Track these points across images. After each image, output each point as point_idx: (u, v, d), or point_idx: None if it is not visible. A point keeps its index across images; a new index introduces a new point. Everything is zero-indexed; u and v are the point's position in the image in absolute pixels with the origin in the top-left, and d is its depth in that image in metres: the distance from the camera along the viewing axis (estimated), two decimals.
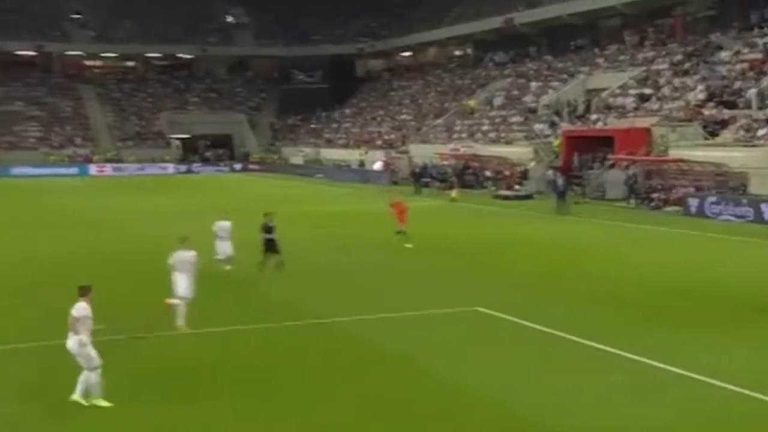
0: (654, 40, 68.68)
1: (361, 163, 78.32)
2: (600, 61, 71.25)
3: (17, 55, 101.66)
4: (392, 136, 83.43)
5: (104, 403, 13.48)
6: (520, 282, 27.09)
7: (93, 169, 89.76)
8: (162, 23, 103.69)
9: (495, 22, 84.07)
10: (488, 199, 56.32)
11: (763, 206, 39.27)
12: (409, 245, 33.06)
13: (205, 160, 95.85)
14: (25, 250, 35.97)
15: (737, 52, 58.33)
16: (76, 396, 13.54)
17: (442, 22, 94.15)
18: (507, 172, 60.34)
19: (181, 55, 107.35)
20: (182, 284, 19.71)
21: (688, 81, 58.71)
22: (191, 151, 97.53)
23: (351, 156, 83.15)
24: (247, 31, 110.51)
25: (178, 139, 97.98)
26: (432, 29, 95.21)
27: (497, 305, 22.51)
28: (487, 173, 62.51)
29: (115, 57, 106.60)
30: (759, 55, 55.89)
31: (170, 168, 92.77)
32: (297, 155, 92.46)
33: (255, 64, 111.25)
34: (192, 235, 35.61)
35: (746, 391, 14.81)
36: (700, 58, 60.71)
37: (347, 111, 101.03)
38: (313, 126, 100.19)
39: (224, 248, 27.90)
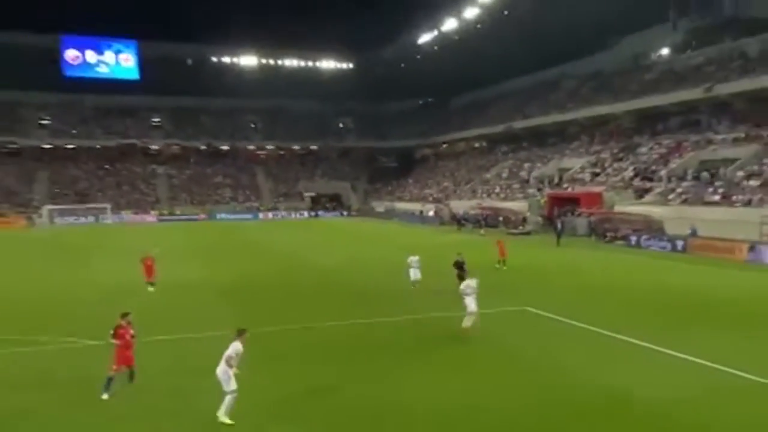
0: (599, 139, 66.33)
1: (421, 212, 76.33)
2: (567, 151, 69.10)
3: (220, 149, 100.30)
4: (438, 195, 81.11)
5: (228, 421, 11.57)
6: (548, 290, 25.56)
7: (260, 215, 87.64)
8: (301, 128, 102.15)
9: (500, 127, 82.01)
10: (503, 235, 51.36)
11: (676, 241, 39.29)
12: (497, 266, 30.58)
13: (325, 209, 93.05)
14: (228, 268, 34.57)
15: (651, 148, 57.47)
16: (219, 414, 11.73)
17: (467, 126, 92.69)
18: (513, 218, 58.54)
19: (312, 147, 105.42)
20: (471, 304, 18.00)
21: (622, 164, 57.86)
22: (317, 203, 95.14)
23: (413, 207, 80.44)
24: (351, 132, 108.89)
25: (309, 196, 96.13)
26: (461, 131, 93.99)
27: (540, 306, 21.61)
28: (500, 218, 60.29)
29: (273, 148, 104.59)
30: (665, 150, 55.30)
31: (305, 214, 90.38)
32: (380, 206, 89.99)
33: (355, 151, 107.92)
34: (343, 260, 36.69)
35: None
36: (628, 151, 59.67)
37: (410, 180, 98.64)
38: (389, 189, 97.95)
39: (415, 274, 25.37)
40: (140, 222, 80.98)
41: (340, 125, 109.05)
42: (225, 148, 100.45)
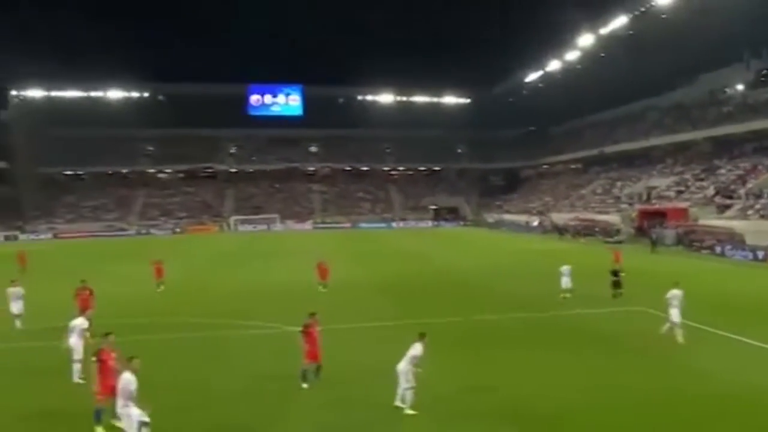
0: (681, 162, 65.93)
1: (526, 222, 78.06)
2: (653, 172, 68.54)
3: (361, 170, 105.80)
4: (540, 208, 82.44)
5: (411, 412, 11.30)
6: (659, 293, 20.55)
7: (393, 224, 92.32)
8: (426, 152, 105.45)
9: (594, 151, 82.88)
10: (601, 243, 52.39)
11: (756, 251, 38.76)
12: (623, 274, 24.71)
13: (445, 219, 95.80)
14: (380, 269, 35.34)
15: (729, 170, 57.20)
16: (398, 403, 11.56)
17: (564, 150, 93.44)
18: (607, 228, 58.46)
19: (434, 168, 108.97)
20: (675, 314, 16.48)
21: (704, 184, 57.73)
22: (438, 214, 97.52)
23: (519, 218, 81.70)
24: (466, 155, 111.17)
25: (432, 208, 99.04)
26: (559, 154, 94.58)
27: (657, 307, 18.89)
28: (596, 229, 60.27)
29: (403, 169, 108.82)
30: (742, 172, 54.93)
31: (429, 223, 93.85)
32: (491, 218, 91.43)
33: (469, 171, 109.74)
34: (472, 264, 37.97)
35: None
36: (708, 172, 59.48)
37: (515, 195, 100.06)
38: (497, 203, 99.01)
39: (566, 282, 23.72)
40: (300, 229, 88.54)
41: (458, 150, 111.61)
42: (365, 169, 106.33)
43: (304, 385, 13.12)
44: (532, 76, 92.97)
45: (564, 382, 13.34)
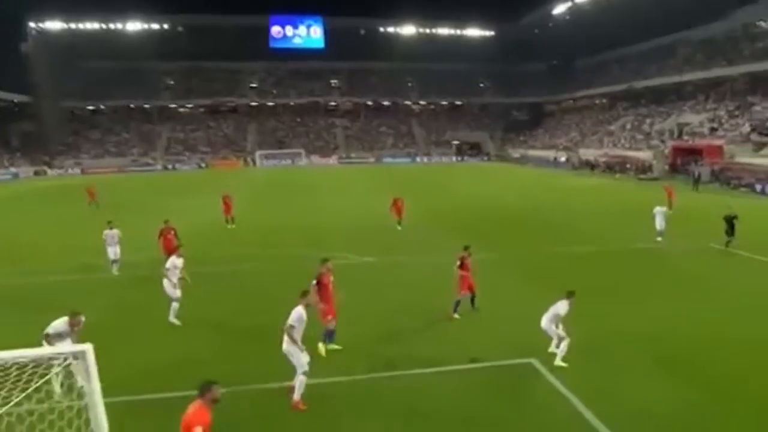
0: (714, 98, 67.22)
1: (555, 158, 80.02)
2: (684, 108, 69.78)
3: (383, 104, 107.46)
4: (568, 144, 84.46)
5: (562, 364, 11.09)
6: (715, 230, 22.56)
7: (417, 159, 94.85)
8: (448, 86, 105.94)
9: (623, 86, 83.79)
10: (635, 180, 55.03)
11: None
12: (669, 212, 24.86)
13: (468, 155, 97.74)
14: (428, 206, 35.27)
15: (765, 107, 57.73)
16: (553, 348, 11.48)
17: (591, 85, 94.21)
18: (639, 165, 60.24)
19: (457, 102, 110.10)
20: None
21: (739, 121, 58.79)
22: (460, 149, 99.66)
23: (545, 154, 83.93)
24: (490, 89, 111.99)
25: (455, 143, 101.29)
26: (586, 89, 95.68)
27: (719, 243, 21.56)
28: (627, 165, 62.22)
29: (425, 104, 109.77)
30: None
31: (453, 158, 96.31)
32: (515, 153, 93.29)
33: (493, 106, 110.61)
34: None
35: None
36: (743, 109, 60.47)
37: (540, 130, 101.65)
38: (521, 138, 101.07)
39: (661, 224, 23.03)
40: (325, 164, 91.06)
41: (481, 84, 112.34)
42: (387, 103, 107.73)
43: (455, 316, 14.12)
44: (560, 8, 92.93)
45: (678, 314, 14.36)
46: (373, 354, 11.97)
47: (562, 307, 11.35)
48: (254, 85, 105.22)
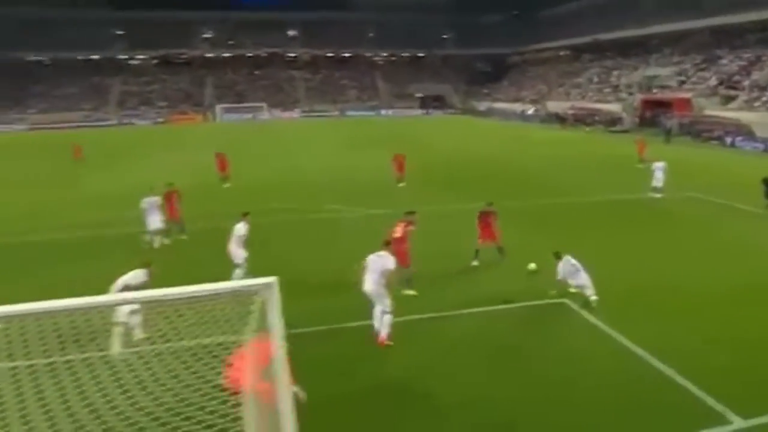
0: (680, 51, 68.52)
1: (522, 111, 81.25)
2: (650, 61, 70.86)
3: (344, 56, 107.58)
4: (534, 96, 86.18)
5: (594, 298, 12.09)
6: (694, 181, 26.12)
7: (382, 112, 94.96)
8: (408, 35, 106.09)
9: (587, 38, 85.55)
10: (604, 132, 57.33)
11: None
12: (640, 166, 29.44)
13: (432, 107, 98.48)
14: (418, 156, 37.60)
15: (731, 60, 59.75)
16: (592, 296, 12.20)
17: (555, 37, 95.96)
18: (608, 118, 62.26)
19: (419, 54, 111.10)
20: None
21: (706, 74, 60.41)
22: (424, 102, 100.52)
23: (512, 107, 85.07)
24: (451, 41, 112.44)
25: (418, 96, 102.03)
26: (550, 41, 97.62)
27: (702, 192, 23.75)
28: (597, 118, 64.13)
29: (387, 55, 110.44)
30: (745, 63, 57.92)
31: (418, 111, 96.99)
32: (481, 106, 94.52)
33: (455, 58, 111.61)
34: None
35: None
36: (710, 62, 62.04)
37: (504, 83, 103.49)
38: (485, 91, 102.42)
39: (658, 179, 23.43)
40: (288, 118, 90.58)
41: (443, 36, 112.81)
42: (348, 55, 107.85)
43: (475, 263, 15.24)
44: None
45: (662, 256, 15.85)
46: (409, 298, 12.73)
47: (572, 262, 12.54)
48: (208, 36, 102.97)
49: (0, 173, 37.24)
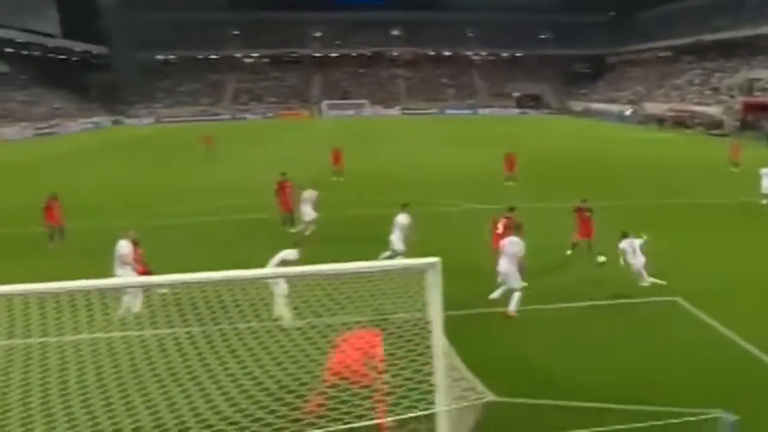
0: None
1: (620, 112, 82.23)
2: (754, 62, 70.21)
3: (444, 55, 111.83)
4: (632, 98, 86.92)
5: (652, 281, 13.27)
6: None
7: (479, 111, 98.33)
8: (508, 35, 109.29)
9: (690, 39, 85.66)
10: (704, 134, 58.26)
11: None
12: (733, 170, 31.02)
13: (528, 107, 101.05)
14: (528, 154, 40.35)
15: None
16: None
17: (655, 38, 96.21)
18: (708, 121, 62.41)
19: (517, 53, 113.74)
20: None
21: None
22: (520, 102, 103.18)
23: (609, 107, 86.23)
24: (550, 41, 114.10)
25: (515, 95, 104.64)
26: (650, 41, 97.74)
27: None
28: (697, 121, 64.55)
29: (485, 55, 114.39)
30: None
31: (514, 110, 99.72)
32: (577, 106, 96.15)
33: (552, 58, 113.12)
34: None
35: None
36: None
37: (601, 83, 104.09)
38: (582, 92, 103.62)
39: (766, 186, 23.17)
40: (388, 115, 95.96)
41: (541, 36, 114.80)
42: (448, 54, 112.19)
43: (568, 252, 16.21)
44: None
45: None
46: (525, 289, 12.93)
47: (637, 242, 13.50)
48: (317, 35, 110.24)
49: (146, 160, 42.67)
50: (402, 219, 14.92)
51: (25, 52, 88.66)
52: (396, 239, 14.75)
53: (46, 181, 29.85)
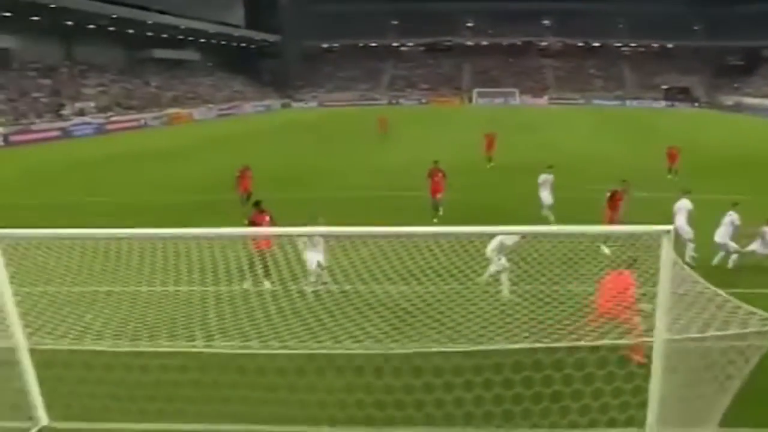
0: None
1: None
2: None
3: (592, 45, 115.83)
4: None
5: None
6: None
7: (627, 103, 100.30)
8: (658, 26, 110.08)
9: None
10: None
11: None
12: None
13: (676, 100, 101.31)
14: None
15: None
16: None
17: None
18: None
19: (668, 45, 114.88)
20: None
21: None
22: (668, 94, 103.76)
23: (763, 103, 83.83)
24: (702, 32, 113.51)
25: (663, 87, 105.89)
26: None
27: None
28: None
29: (634, 46, 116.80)
30: None
31: (662, 103, 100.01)
32: (729, 100, 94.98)
33: (704, 50, 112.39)
34: None
35: None
36: None
37: (755, 77, 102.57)
38: (735, 85, 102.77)
39: None
40: (537, 104, 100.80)
41: (693, 27, 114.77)
42: (596, 44, 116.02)
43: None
44: None
45: None
46: None
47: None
48: (470, 24, 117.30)
49: (329, 139, 47.63)
50: (688, 204, 15.33)
51: (214, 42, 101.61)
52: (683, 226, 14.79)
53: (241, 153, 34.83)
